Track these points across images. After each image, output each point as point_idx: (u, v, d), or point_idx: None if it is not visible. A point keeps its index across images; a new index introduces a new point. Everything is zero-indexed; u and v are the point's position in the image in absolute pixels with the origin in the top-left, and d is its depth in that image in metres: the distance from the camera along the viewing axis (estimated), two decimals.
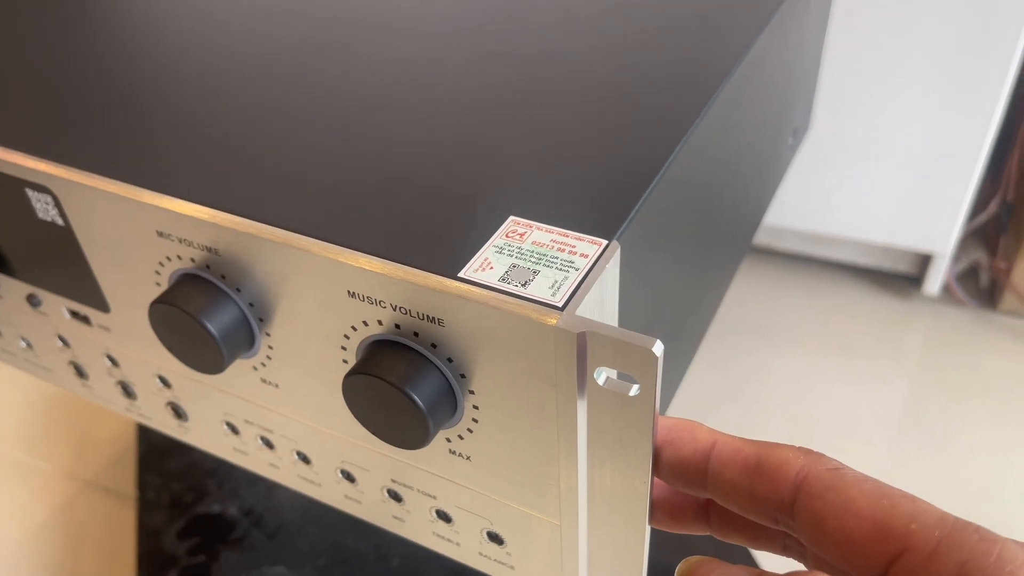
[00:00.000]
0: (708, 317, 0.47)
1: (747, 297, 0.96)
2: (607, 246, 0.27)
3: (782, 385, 0.86)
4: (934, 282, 0.94)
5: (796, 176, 0.88)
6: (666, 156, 0.32)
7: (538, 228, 0.28)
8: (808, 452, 0.23)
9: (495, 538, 0.34)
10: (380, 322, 0.29)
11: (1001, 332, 0.93)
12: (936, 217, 0.88)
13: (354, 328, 0.30)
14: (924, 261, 0.95)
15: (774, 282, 1.00)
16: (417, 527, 0.37)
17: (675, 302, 0.39)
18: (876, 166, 0.87)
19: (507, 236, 0.28)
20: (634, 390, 0.24)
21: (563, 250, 0.27)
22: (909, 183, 0.87)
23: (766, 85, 0.46)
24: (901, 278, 1.00)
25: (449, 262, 0.27)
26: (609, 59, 0.40)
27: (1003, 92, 0.78)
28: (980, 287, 0.98)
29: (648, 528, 0.29)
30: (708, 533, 0.28)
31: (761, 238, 1.01)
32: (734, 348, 0.90)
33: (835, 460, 0.23)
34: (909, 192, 0.87)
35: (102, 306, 0.38)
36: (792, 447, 0.23)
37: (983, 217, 0.96)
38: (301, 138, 0.35)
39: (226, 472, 0.72)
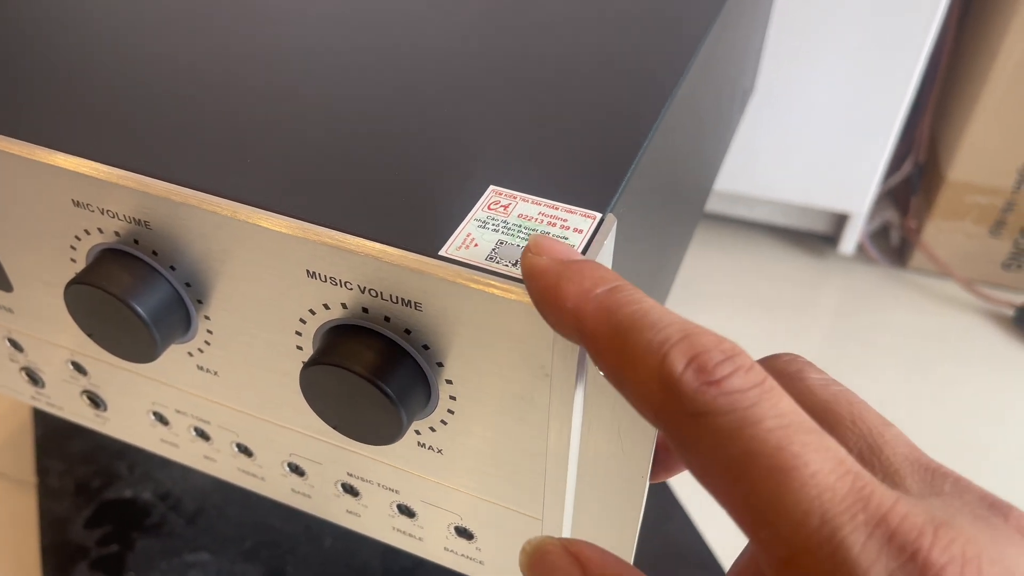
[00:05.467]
0: (668, 285, 0.45)
1: None
2: (602, 219, 0.25)
3: None
4: (849, 241, 0.96)
5: None
6: (653, 120, 0.29)
7: (523, 200, 0.26)
8: None
9: (464, 533, 0.31)
10: (344, 305, 0.25)
11: (910, 289, 0.96)
12: (854, 179, 0.90)
13: (312, 312, 0.26)
14: (840, 221, 0.97)
15: (693, 241, 1.00)
16: (374, 522, 0.34)
17: (647, 274, 0.37)
18: (797, 128, 0.87)
19: (489, 208, 0.25)
20: None
21: (554, 224, 0.25)
22: (829, 145, 0.87)
23: (731, 44, 0.44)
24: (817, 237, 1.01)
25: (426, 238, 0.24)
26: (582, 13, 0.37)
27: (922, 54, 0.78)
28: (891, 246, 1.00)
29: (640, 520, 0.27)
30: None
31: None
32: None
33: None
34: (829, 153, 0.88)
35: (3, 285, 0.33)
36: None
37: (896, 178, 0.98)
38: (247, 97, 0.31)
39: (137, 453, 0.67)
